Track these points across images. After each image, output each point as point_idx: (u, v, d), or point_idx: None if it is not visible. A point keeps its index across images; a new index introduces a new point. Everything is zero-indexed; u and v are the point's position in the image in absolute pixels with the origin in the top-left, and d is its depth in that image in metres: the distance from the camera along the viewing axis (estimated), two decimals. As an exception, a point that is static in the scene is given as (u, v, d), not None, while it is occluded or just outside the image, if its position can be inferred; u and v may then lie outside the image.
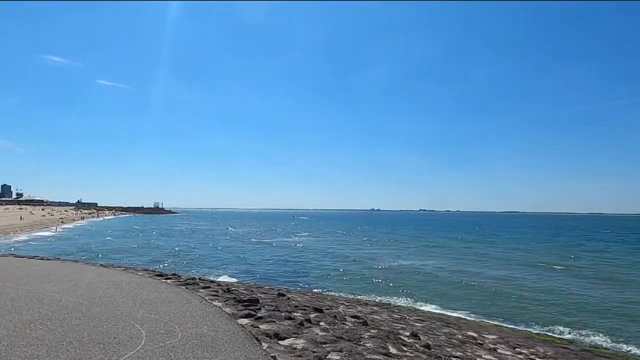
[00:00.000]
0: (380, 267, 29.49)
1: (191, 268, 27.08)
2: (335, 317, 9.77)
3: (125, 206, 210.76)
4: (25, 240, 43.95)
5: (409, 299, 18.69)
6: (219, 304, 8.48)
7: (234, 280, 20.95)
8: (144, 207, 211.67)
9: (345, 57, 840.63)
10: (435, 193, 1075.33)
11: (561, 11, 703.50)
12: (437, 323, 12.87)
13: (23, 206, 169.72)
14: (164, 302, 7.87)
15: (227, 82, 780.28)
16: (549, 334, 13.85)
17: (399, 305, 17.26)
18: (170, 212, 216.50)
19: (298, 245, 46.92)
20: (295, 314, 8.95)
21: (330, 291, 19.91)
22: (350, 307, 15.06)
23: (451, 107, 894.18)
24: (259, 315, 7.81)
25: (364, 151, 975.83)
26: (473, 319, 15.41)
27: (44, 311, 6.79)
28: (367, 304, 16.29)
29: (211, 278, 17.62)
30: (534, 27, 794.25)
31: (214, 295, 9.81)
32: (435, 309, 16.92)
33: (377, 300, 18.11)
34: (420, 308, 17.07)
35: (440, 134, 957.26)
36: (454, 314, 15.90)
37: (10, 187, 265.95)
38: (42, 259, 15.46)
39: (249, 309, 8.08)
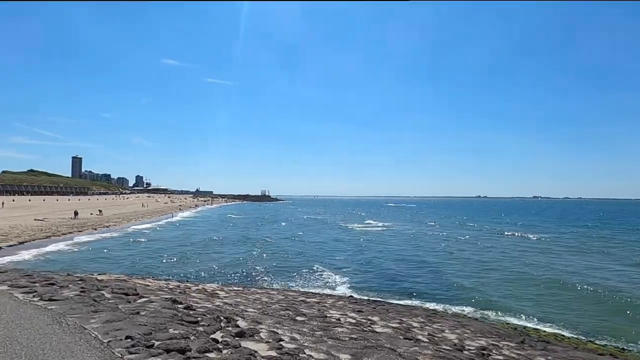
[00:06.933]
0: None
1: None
2: None
3: (235, 194, 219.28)
4: (133, 231, 38.38)
5: None
6: None
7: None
8: (251, 194, 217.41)
9: (443, 36, 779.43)
10: (551, 178, 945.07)
11: None
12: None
13: (151, 194, 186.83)
14: None
15: (326, 74, 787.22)
16: None
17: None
18: (275, 199, 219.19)
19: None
20: None
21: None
22: None
23: (569, 82, 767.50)
24: None
25: (467, 135, 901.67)
26: None
27: None
28: None
29: None
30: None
31: None
32: None
33: None
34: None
35: (560, 112, 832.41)
36: None
37: (142, 177, 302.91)
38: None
39: None
